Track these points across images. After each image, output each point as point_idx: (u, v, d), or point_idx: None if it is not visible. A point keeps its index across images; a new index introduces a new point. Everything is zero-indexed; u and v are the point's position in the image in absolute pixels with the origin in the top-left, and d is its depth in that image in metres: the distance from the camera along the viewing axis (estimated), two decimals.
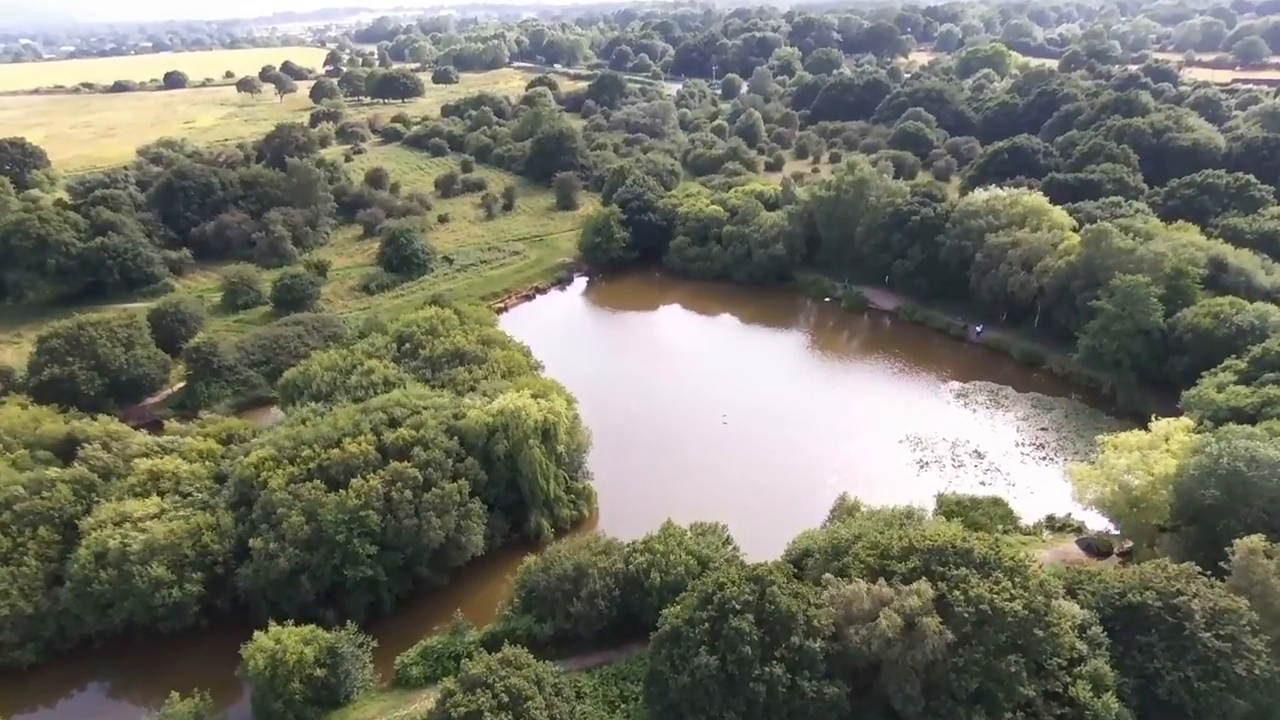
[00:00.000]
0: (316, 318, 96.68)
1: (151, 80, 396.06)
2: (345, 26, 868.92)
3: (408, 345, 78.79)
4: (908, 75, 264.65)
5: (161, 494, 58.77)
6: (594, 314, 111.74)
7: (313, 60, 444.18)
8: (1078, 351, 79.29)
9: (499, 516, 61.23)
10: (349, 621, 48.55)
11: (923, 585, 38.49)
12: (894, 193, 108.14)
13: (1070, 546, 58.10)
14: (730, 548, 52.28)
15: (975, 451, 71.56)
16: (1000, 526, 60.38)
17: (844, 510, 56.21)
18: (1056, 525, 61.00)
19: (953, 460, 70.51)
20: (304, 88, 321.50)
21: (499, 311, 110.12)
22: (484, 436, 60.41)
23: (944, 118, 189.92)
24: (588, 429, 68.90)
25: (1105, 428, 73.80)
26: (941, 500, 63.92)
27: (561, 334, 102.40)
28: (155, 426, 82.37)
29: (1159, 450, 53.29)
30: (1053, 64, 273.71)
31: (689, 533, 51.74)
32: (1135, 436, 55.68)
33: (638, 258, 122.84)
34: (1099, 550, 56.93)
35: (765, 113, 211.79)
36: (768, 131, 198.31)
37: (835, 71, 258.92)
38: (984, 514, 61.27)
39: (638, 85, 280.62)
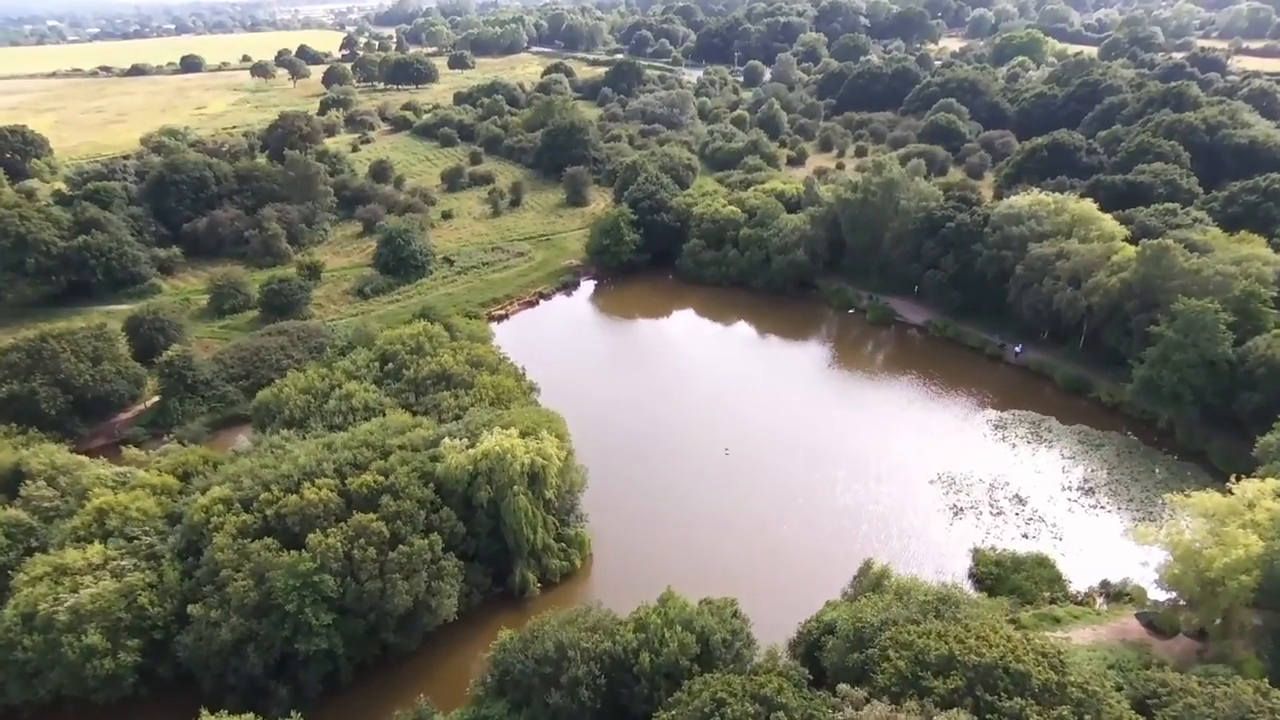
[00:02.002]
0: (302, 327, 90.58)
1: (168, 64, 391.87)
2: (367, 9, 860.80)
3: (391, 365, 72.38)
4: (938, 63, 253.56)
5: (107, 537, 52.84)
6: (599, 323, 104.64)
7: (331, 43, 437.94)
8: (1131, 381, 71.19)
9: (480, 569, 54.78)
10: (295, 713, 42.09)
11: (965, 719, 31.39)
12: (926, 196, 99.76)
13: (1130, 621, 50.60)
14: (737, 621, 45.28)
15: (1016, 496, 63.88)
16: (1046, 593, 53.23)
17: (869, 579, 49.05)
18: (1113, 593, 53.42)
19: (990, 506, 62.92)
20: (318, 73, 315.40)
21: (499, 319, 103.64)
22: (464, 483, 53.83)
23: (977, 109, 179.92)
24: (583, 467, 62.15)
25: (1164, 470, 66.29)
26: (979, 557, 56.86)
27: (562, 346, 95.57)
28: (125, 445, 77.11)
29: (1241, 520, 45.50)
30: (1092, 51, 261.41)
31: (690, 606, 44.80)
32: (1211, 499, 47.84)
33: (649, 261, 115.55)
34: (1164, 628, 49.38)
35: (788, 102, 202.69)
36: (790, 122, 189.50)
37: (862, 59, 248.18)
38: (1028, 577, 54.24)
39: (656, 72, 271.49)
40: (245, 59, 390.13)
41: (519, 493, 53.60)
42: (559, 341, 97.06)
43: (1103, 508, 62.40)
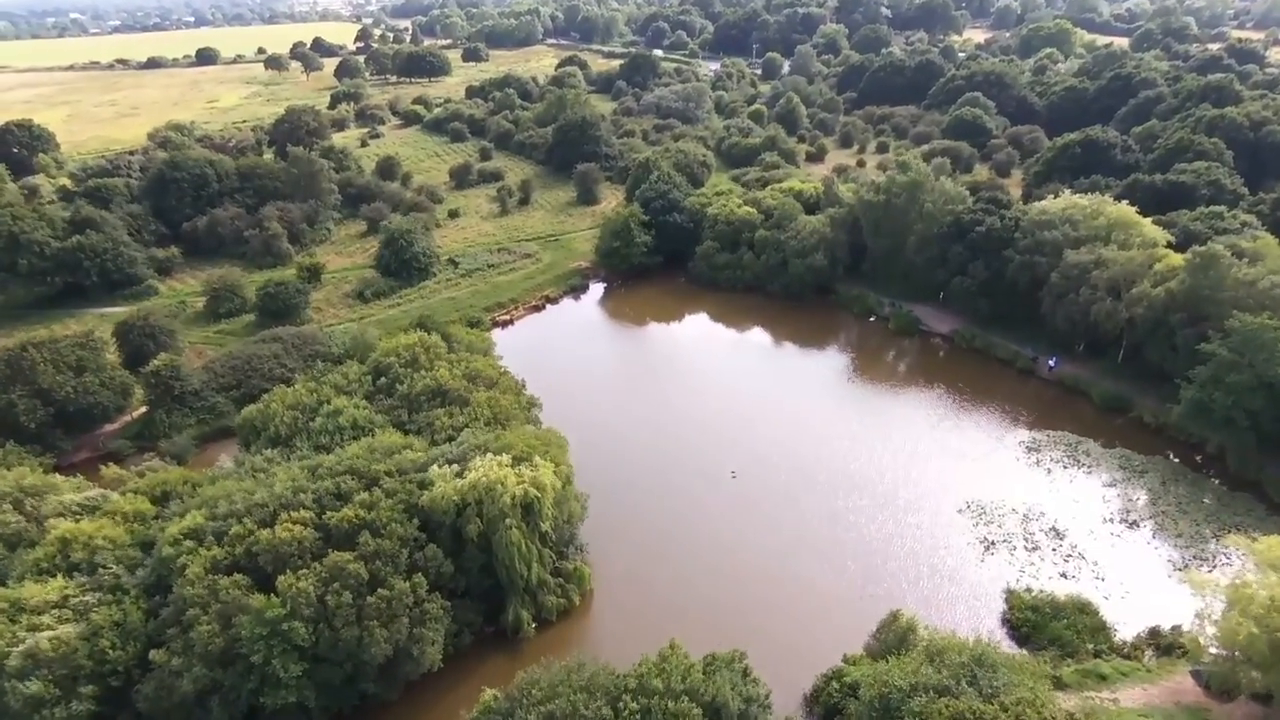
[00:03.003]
0: (298, 334, 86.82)
1: (184, 57, 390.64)
2: (384, 1, 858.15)
3: (384, 379, 68.36)
4: (962, 55, 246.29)
5: (72, 570, 49.30)
6: (607, 329, 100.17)
7: (346, 36, 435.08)
8: (1178, 401, 65.89)
9: (470, 606, 50.73)
10: None
11: None
12: (953, 198, 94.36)
13: (1184, 680, 45.65)
14: (751, 685, 40.87)
15: (1052, 528, 58.88)
16: (1090, 644, 48.35)
17: (895, 632, 44.40)
18: (1164, 644, 48.42)
19: (1025, 540, 57.97)
20: (332, 65, 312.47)
21: (504, 325, 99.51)
22: (452, 514, 49.72)
23: (1004, 103, 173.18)
24: (584, 494, 57.89)
25: (1214, 500, 61.11)
26: (1014, 599, 52.05)
27: (568, 354, 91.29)
28: (109, 459, 73.83)
29: None
30: (1123, 43, 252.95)
31: (695, 666, 40.43)
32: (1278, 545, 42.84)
33: (661, 263, 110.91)
34: (1223, 689, 44.41)
35: (807, 96, 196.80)
36: (809, 117, 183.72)
37: (884, 51, 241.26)
38: (1069, 625, 49.45)
39: (673, 65, 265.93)
40: (260, 51, 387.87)
41: (511, 526, 49.42)
42: (564, 350, 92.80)
43: (1148, 542, 57.29)
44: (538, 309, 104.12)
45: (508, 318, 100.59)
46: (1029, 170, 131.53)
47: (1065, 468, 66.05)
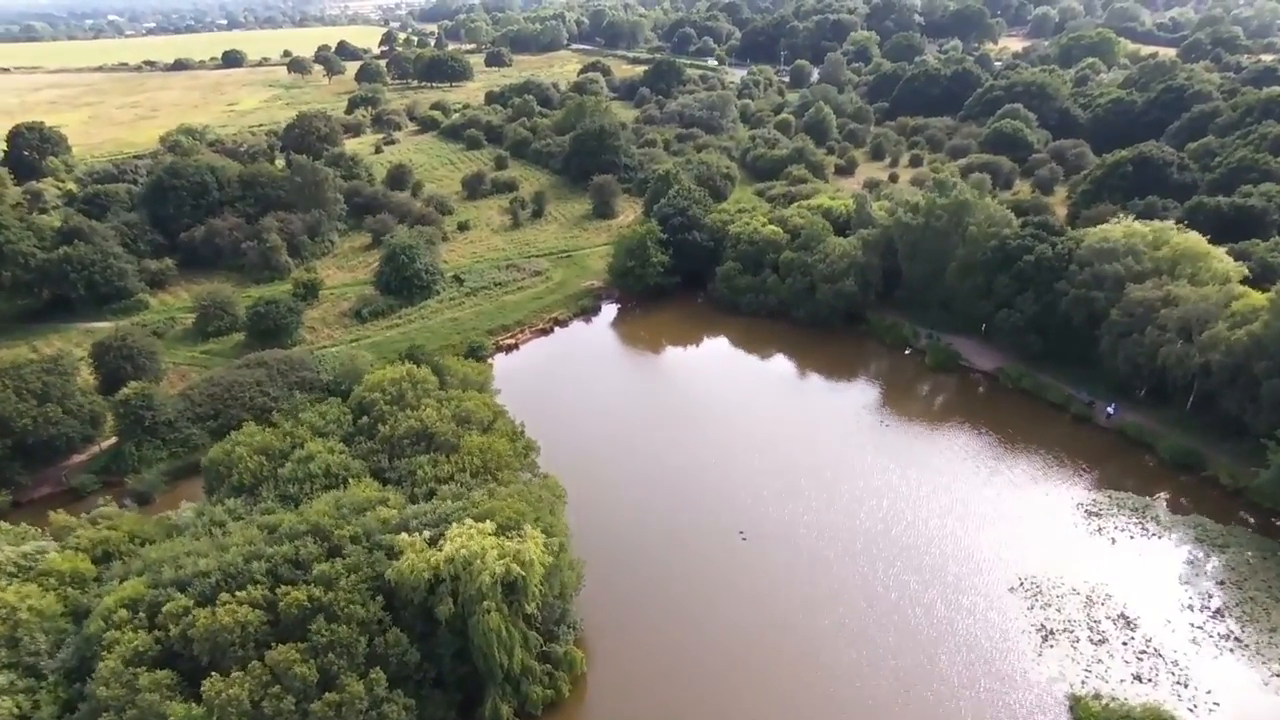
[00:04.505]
0: (285, 358, 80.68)
1: (210, 59, 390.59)
2: (414, 5, 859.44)
3: (366, 419, 61.81)
4: (998, 64, 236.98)
5: None
6: (618, 356, 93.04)
7: (373, 39, 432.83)
8: (1263, 462, 57.60)
9: (442, 699, 43.77)
10: None
11: None
12: (998, 221, 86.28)
13: None
14: None
15: (1121, 615, 50.80)
16: None
17: None
18: None
19: (1090, 630, 49.94)
20: (353, 69, 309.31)
21: (508, 350, 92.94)
22: (422, 592, 42.92)
23: (1045, 115, 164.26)
24: (579, 561, 50.91)
25: None
26: (1080, 709, 44.29)
27: (575, 384, 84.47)
28: (71, 496, 68.22)
29: None
30: (1167, 52, 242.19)
31: None
32: None
33: (678, 283, 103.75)
34: None
35: (837, 105, 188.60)
36: (839, 127, 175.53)
37: (917, 59, 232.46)
38: None
39: (698, 71, 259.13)
40: (286, 54, 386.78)
41: (490, 609, 42.45)
42: (571, 379, 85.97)
43: (1237, 637, 49.03)
44: (545, 332, 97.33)
45: (512, 342, 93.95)
46: (1075, 188, 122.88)
47: (1132, 538, 57.84)
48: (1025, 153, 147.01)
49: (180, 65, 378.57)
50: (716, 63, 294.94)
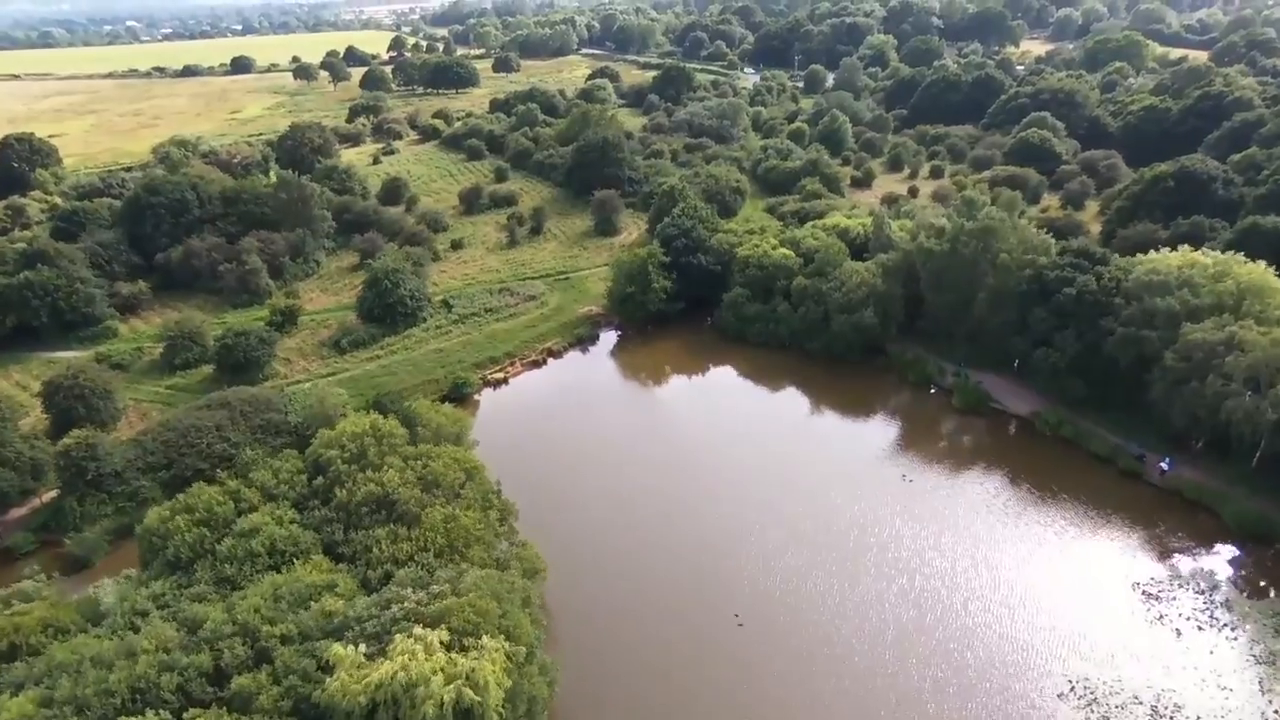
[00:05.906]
0: (252, 397, 73.84)
1: (220, 65, 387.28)
2: (427, 10, 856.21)
3: (322, 479, 54.87)
4: (1021, 68, 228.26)
5: None
6: (614, 392, 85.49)
7: (383, 45, 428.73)
8: None
9: None
10: None
11: None
12: (1034, 248, 78.36)
13: None
14: None
15: None
16: None
17: None
18: None
19: None
20: (360, 76, 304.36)
21: (496, 384, 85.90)
22: (359, 718, 35.83)
23: (1074, 124, 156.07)
24: (553, 663, 43.63)
25: None
26: None
27: (564, 422, 77.35)
28: (4, 557, 61.74)
29: None
30: (1199, 55, 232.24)
31: None
32: None
33: (682, 309, 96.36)
34: None
35: (853, 113, 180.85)
36: (855, 136, 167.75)
37: (936, 63, 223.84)
38: None
39: (710, 77, 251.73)
40: (294, 60, 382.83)
41: None
42: (561, 417, 78.70)
43: None
44: (537, 364, 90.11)
45: (501, 375, 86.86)
46: (1109, 204, 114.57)
47: (1200, 628, 49.89)
48: (1053, 164, 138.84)
49: (189, 71, 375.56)
50: (729, 67, 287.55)
